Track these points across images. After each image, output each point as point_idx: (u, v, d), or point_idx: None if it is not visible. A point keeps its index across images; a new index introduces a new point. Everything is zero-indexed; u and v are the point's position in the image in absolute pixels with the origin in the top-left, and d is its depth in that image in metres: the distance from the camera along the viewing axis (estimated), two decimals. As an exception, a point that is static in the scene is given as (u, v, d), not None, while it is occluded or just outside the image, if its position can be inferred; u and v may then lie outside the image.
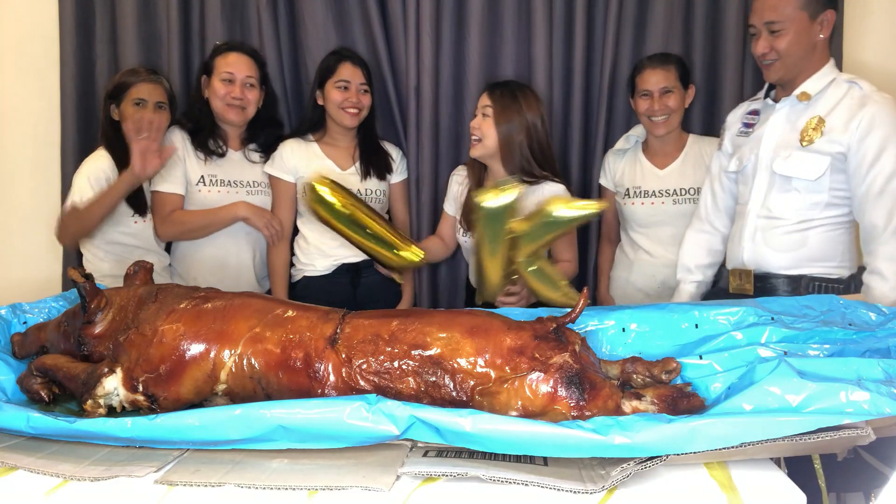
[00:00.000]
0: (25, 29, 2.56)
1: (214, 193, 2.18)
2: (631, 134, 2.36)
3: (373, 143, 2.29)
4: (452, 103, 2.43)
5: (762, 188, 1.86)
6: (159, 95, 2.12)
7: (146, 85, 2.10)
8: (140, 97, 2.08)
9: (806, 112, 1.81)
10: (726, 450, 0.96)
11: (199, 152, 2.18)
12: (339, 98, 2.17)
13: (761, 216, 1.86)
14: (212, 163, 2.19)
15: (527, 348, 1.14)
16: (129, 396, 1.22)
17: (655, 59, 2.24)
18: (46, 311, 1.62)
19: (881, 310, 1.43)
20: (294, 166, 2.19)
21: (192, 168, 2.17)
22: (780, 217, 1.82)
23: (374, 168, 2.25)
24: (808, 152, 1.78)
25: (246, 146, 2.27)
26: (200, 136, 2.19)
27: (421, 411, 1.02)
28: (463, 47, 2.41)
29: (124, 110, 2.08)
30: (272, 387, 1.19)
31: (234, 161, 2.24)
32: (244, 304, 1.27)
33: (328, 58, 2.24)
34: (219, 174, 2.20)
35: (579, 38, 2.38)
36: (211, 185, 2.18)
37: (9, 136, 2.59)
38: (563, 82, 2.43)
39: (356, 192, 2.14)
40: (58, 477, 1.02)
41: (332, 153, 2.24)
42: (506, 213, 1.61)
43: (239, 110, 2.18)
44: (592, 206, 1.63)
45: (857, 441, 0.98)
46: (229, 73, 2.16)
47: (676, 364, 1.26)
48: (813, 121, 1.78)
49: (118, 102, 2.10)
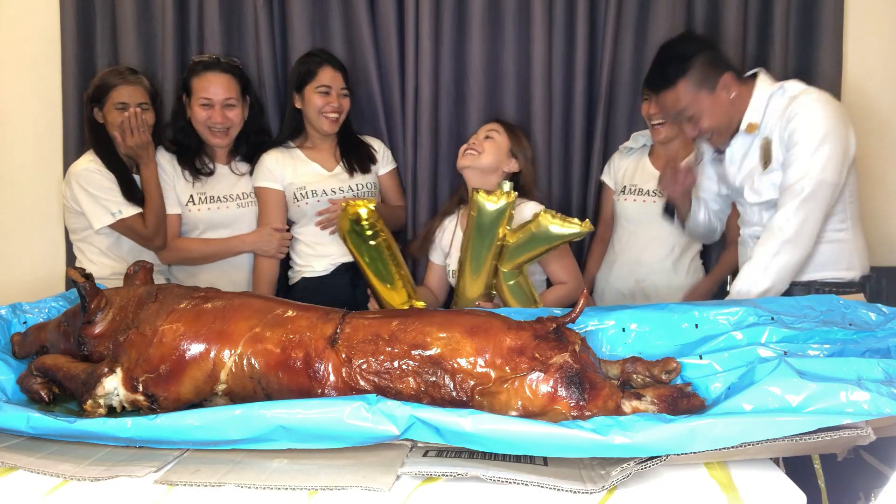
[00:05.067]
0: (26, 29, 2.56)
1: (205, 211, 2.17)
2: (639, 134, 2.37)
3: (352, 140, 2.28)
4: (453, 104, 2.44)
5: (754, 213, 1.88)
6: (140, 96, 2.10)
7: (126, 87, 2.08)
8: (121, 101, 2.06)
9: (757, 138, 1.83)
10: (726, 450, 0.96)
11: (186, 173, 2.17)
12: (320, 103, 2.14)
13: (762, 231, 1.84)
14: (200, 180, 2.18)
15: (527, 348, 1.14)
16: (129, 396, 1.22)
17: None
18: (46, 311, 1.62)
19: (881, 310, 1.43)
20: (280, 175, 2.17)
21: (181, 188, 2.17)
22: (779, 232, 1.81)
23: (358, 163, 2.23)
24: (770, 174, 1.79)
25: (233, 158, 2.25)
26: (187, 158, 2.18)
27: (421, 411, 1.02)
28: (464, 48, 2.41)
29: (107, 114, 2.08)
30: (272, 387, 1.19)
31: (223, 176, 2.22)
32: (244, 303, 1.27)
33: (306, 60, 2.20)
34: (207, 191, 2.18)
35: (581, 38, 2.38)
36: (200, 202, 2.17)
37: (9, 136, 2.59)
38: (565, 82, 2.43)
39: (347, 190, 2.16)
40: (58, 477, 1.02)
41: (316, 157, 2.22)
42: (499, 217, 1.67)
43: (222, 134, 2.16)
44: (580, 225, 1.68)
45: (857, 441, 0.98)
46: (207, 98, 2.12)
47: (676, 364, 1.26)
48: (763, 143, 1.80)
49: (101, 106, 2.09)
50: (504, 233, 1.72)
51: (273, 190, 2.17)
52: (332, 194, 2.16)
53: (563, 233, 1.69)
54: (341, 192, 2.17)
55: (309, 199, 2.15)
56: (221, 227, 2.19)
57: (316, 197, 2.15)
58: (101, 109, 2.09)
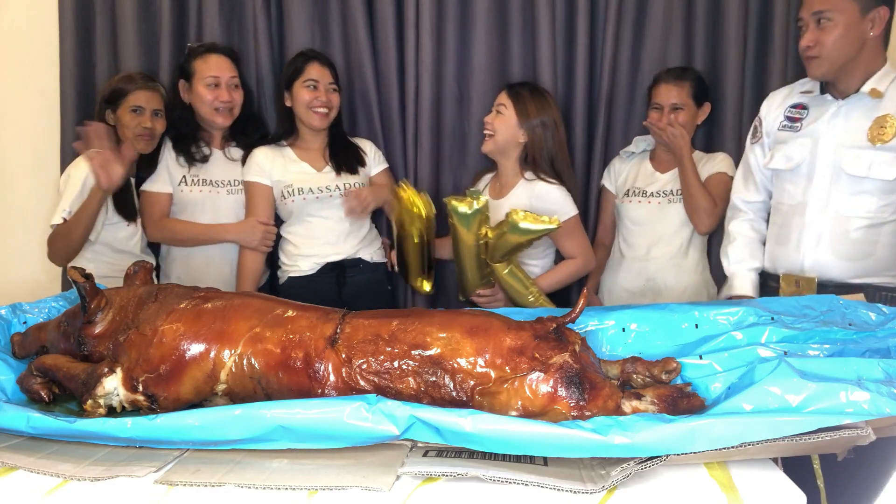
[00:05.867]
0: (25, 30, 2.56)
1: (196, 193, 2.20)
2: (640, 139, 2.37)
3: (341, 140, 2.29)
4: (456, 104, 2.43)
5: (824, 188, 1.76)
6: (156, 103, 2.12)
7: (144, 92, 2.10)
8: (138, 104, 2.08)
9: (874, 110, 1.72)
10: (726, 450, 0.96)
11: (180, 158, 2.19)
12: (307, 97, 2.15)
13: (827, 219, 1.76)
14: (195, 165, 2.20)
15: (527, 348, 1.14)
16: (129, 396, 1.22)
17: (671, 74, 2.23)
18: (46, 311, 1.62)
19: (881, 310, 1.43)
20: (269, 171, 2.19)
21: (174, 168, 2.19)
22: (850, 220, 1.74)
23: (346, 164, 2.24)
24: (882, 151, 1.69)
25: (228, 143, 2.28)
26: (183, 143, 2.20)
27: (421, 411, 1.02)
28: (468, 48, 2.41)
29: (121, 116, 2.09)
30: (272, 387, 1.19)
31: (216, 160, 2.25)
32: (244, 303, 1.27)
33: (294, 59, 2.23)
34: (200, 174, 2.21)
35: (581, 40, 2.38)
36: (193, 184, 2.20)
37: (8, 137, 2.59)
38: (566, 84, 2.43)
39: (334, 189, 2.18)
40: (58, 477, 1.02)
41: (305, 156, 2.23)
42: (476, 220, 1.81)
43: (227, 113, 2.20)
44: (549, 221, 1.78)
45: (857, 441, 0.98)
46: (214, 76, 2.15)
47: (676, 364, 1.26)
48: (884, 118, 1.70)
49: (115, 108, 2.10)
50: (485, 231, 1.83)
51: (261, 185, 2.19)
52: (318, 193, 2.17)
53: (533, 229, 1.78)
54: (328, 191, 2.17)
55: (295, 197, 2.17)
56: (210, 211, 2.21)
57: (302, 195, 2.16)
58: (114, 112, 2.10)
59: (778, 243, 1.87)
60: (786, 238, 1.84)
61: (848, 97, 1.77)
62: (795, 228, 1.81)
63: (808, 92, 1.87)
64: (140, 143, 2.09)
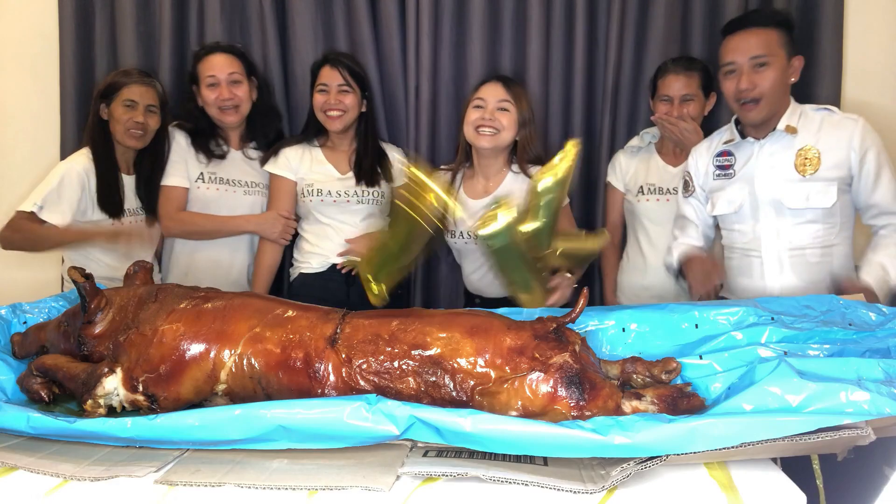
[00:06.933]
0: (25, 28, 2.56)
1: (213, 191, 2.20)
2: (646, 132, 2.34)
3: (367, 148, 2.24)
4: (452, 104, 2.43)
5: (772, 223, 1.85)
6: (151, 98, 2.11)
7: (138, 87, 2.09)
8: (131, 98, 2.07)
9: (794, 143, 1.82)
10: (726, 450, 0.96)
11: (199, 154, 2.20)
12: (320, 101, 2.17)
13: (783, 247, 1.84)
14: (213, 161, 2.21)
15: (527, 348, 1.14)
16: (129, 396, 1.22)
17: (680, 64, 2.19)
18: (46, 311, 1.62)
19: (881, 310, 1.43)
20: (296, 167, 2.20)
21: (192, 165, 2.20)
22: (804, 249, 1.82)
23: (366, 174, 2.21)
24: (812, 181, 1.79)
25: (246, 144, 2.28)
26: (201, 139, 2.21)
27: (421, 411, 1.02)
28: (464, 48, 2.41)
29: (114, 110, 2.08)
30: (272, 387, 1.19)
31: (234, 160, 2.25)
32: (244, 303, 1.27)
33: (314, 64, 2.24)
34: (218, 172, 2.22)
35: (580, 38, 2.38)
36: (210, 182, 2.20)
37: (8, 136, 2.59)
38: (563, 81, 2.43)
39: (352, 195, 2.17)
40: (58, 477, 1.02)
41: (332, 158, 2.23)
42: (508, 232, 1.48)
43: (233, 111, 2.20)
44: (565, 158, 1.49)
45: (857, 441, 0.98)
46: (212, 76, 2.16)
47: (676, 364, 1.26)
48: (805, 151, 1.80)
49: (108, 102, 2.09)
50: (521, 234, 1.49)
51: (286, 179, 2.20)
52: (336, 196, 2.17)
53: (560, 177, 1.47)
54: (346, 196, 2.17)
55: (314, 198, 2.17)
56: (225, 210, 2.21)
57: (320, 196, 2.17)
58: (108, 106, 2.09)
59: (741, 276, 1.92)
60: (748, 270, 1.90)
61: (767, 136, 1.85)
62: (755, 260, 1.88)
63: (729, 141, 1.94)
64: (130, 138, 2.08)
